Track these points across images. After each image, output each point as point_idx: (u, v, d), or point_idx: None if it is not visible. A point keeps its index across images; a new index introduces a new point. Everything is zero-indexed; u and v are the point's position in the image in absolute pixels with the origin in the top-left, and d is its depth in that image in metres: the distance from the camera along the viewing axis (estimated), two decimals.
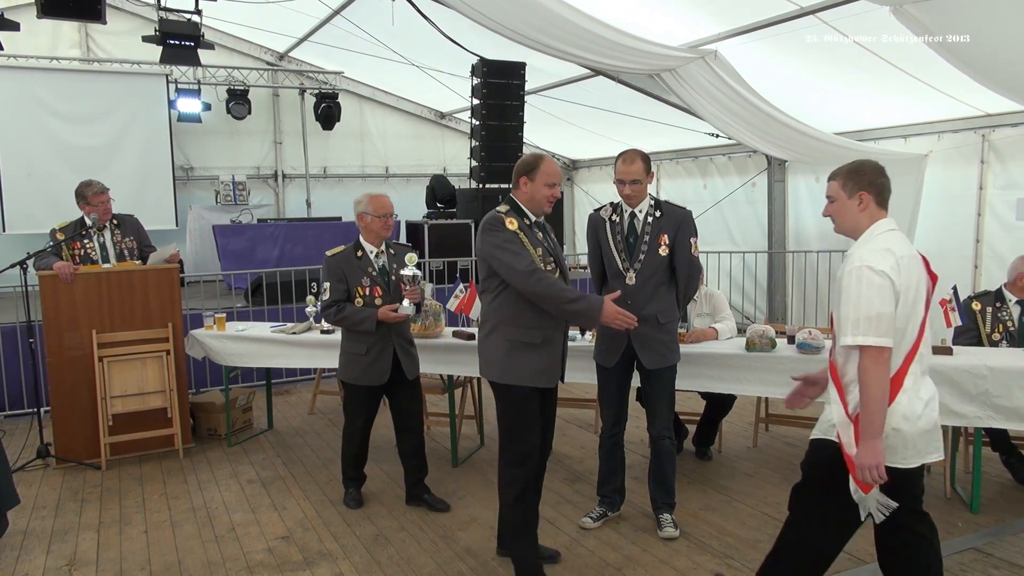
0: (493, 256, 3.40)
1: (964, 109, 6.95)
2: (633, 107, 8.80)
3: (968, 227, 7.26)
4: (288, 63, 11.45)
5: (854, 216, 2.84)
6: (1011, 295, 4.87)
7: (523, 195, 3.53)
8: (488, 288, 3.52)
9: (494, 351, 3.48)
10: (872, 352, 2.58)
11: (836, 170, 2.90)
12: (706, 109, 7.01)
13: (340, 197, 11.80)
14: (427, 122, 12.43)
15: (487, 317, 3.54)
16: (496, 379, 3.48)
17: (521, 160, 3.56)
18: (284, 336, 5.52)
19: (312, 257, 8.95)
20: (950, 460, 4.62)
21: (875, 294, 2.60)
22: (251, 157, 11.43)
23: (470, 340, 5.02)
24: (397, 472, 5.11)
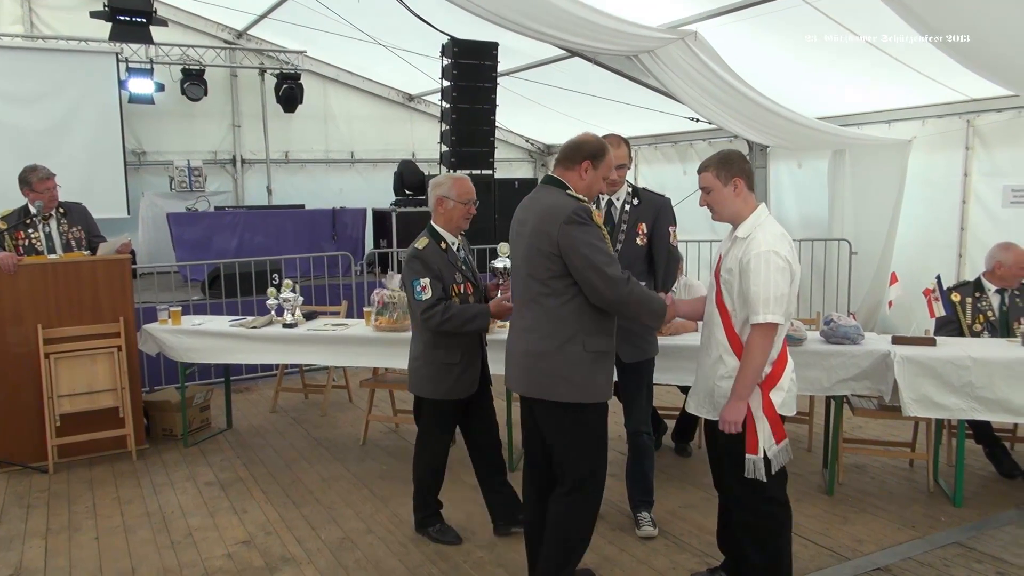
0: (582, 255, 3.01)
1: (948, 94, 7.06)
2: (610, 90, 8.82)
3: (953, 215, 7.39)
4: (247, 41, 11.32)
5: (731, 202, 3.21)
6: (990, 284, 4.98)
7: (581, 183, 3.18)
8: (555, 290, 3.08)
9: (573, 366, 3.09)
10: (768, 328, 3.03)
11: (705, 161, 3.27)
12: (686, 92, 7.05)
13: (303, 183, 11.71)
14: (395, 105, 12.36)
15: (556, 326, 3.09)
16: (579, 399, 3.11)
17: (583, 140, 3.21)
18: (243, 330, 5.48)
19: (273, 247, 8.89)
20: (933, 454, 4.72)
21: (780, 277, 3.03)
22: (208, 141, 11.29)
23: None
24: (363, 471, 5.11)
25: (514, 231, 3.29)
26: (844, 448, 4.82)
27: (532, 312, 3.15)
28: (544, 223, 3.07)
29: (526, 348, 3.17)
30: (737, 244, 3.17)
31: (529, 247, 3.12)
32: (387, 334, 5.12)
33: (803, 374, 4.24)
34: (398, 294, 5.19)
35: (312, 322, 5.68)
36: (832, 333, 4.50)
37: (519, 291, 3.25)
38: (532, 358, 3.15)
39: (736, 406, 3.09)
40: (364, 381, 5.82)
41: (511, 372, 3.29)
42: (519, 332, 3.23)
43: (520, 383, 3.23)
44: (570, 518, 3.20)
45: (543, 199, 3.16)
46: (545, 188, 3.22)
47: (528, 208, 3.22)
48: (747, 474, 3.11)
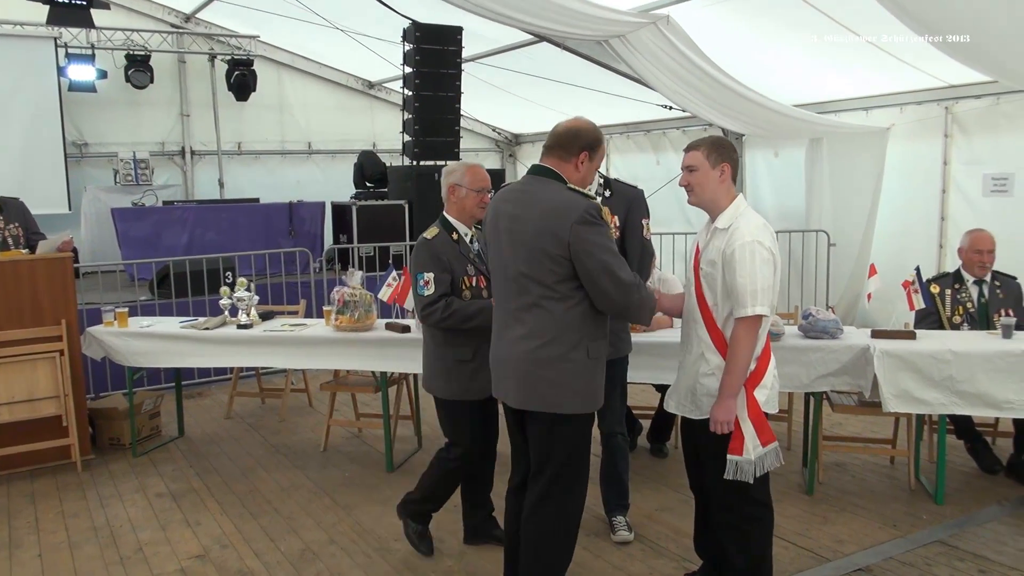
0: (597, 259, 2.94)
1: (926, 80, 7.19)
2: (580, 76, 8.85)
3: (933, 204, 7.54)
4: (195, 25, 11.18)
5: (714, 187, 3.24)
6: (969, 275, 5.09)
7: (576, 175, 3.13)
8: (561, 294, 3.01)
9: (578, 374, 3.06)
10: (754, 321, 3.09)
11: (696, 140, 3.29)
12: (658, 79, 7.09)
13: (257, 176, 11.61)
14: (354, 92, 12.29)
15: (563, 332, 3.03)
16: (581, 409, 3.12)
17: (580, 128, 3.14)
18: (195, 332, 5.42)
19: (226, 243, 8.81)
20: (914, 450, 4.81)
21: (766, 268, 3.09)
22: (154, 132, 11.14)
23: (404, 333, 5.01)
24: (324, 479, 5.09)
25: (500, 227, 3.15)
26: (824, 446, 4.89)
27: (533, 317, 3.05)
28: (551, 223, 2.97)
29: (526, 356, 3.07)
30: (718, 235, 3.21)
31: (531, 248, 3.01)
32: (348, 334, 5.10)
33: (782, 370, 4.27)
34: (359, 292, 5.18)
35: (269, 322, 5.65)
36: (811, 327, 4.57)
37: (510, 294, 3.13)
38: (534, 367, 3.05)
39: (726, 404, 3.12)
40: (325, 384, 5.80)
41: (503, 384, 3.19)
42: (514, 339, 3.11)
43: (517, 395, 3.13)
44: (555, 533, 3.17)
45: (542, 194, 3.06)
46: (540, 181, 3.11)
47: (522, 203, 3.10)
48: (728, 475, 3.14)
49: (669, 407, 3.45)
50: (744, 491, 3.17)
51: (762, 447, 3.15)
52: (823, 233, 8.33)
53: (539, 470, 3.18)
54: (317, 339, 5.19)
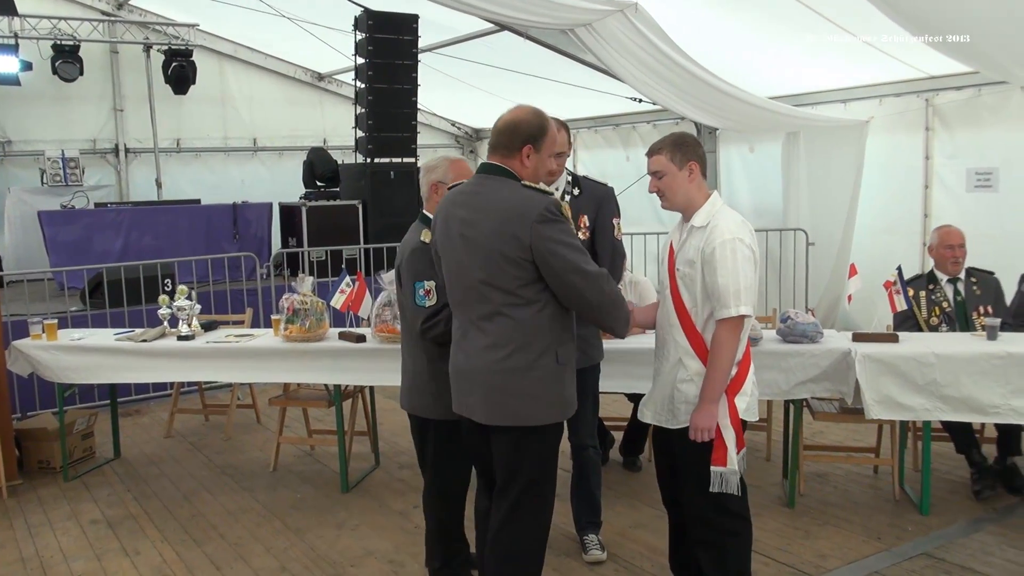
0: (562, 257, 2.97)
1: (906, 71, 7.33)
2: (544, 68, 8.89)
3: (915, 200, 7.68)
4: (129, 13, 11.04)
5: (685, 188, 3.29)
6: (942, 274, 5.20)
7: (525, 171, 3.12)
8: (526, 299, 3.03)
9: (548, 382, 3.07)
10: (737, 322, 3.14)
11: (656, 143, 3.34)
12: (627, 70, 7.15)
13: (198, 175, 11.50)
14: (303, 85, 12.23)
15: (530, 338, 3.04)
16: (552, 419, 3.13)
17: (517, 120, 3.12)
18: (132, 345, 5.36)
19: (164, 248, 8.71)
20: (898, 458, 4.89)
21: (748, 266, 3.15)
22: (85, 128, 10.98)
23: (359, 342, 4.99)
24: (274, 501, 5.05)
25: (453, 232, 3.14)
26: (805, 456, 4.96)
27: (496, 326, 3.05)
28: (509, 224, 2.98)
29: (492, 368, 3.06)
30: (695, 234, 3.25)
31: (489, 253, 3.01)
32: (299, 345, 5.07)
33: (760, 376, 4.32)
34: (310, 299, 5.15)
35: (212, 333, 5.61)
36: (789, 331, 4.63)
37: (469, 302, 3.12)
38: (502, 378, 3.05)
39: (707, 410, 3.16)
40: (274, 399, 5.76)
41: (466, 398, 3.17)
42: (477, 351, 3.10)
43: (484, 410, 3.11)
44: (522, 554, 3.17)
45: (497, 195, 3.06)
46: (493, 180, 3.11)
47: (475, 206, 3.09)
48: (713, 488, 3.17)
49: (645, 417, 3.47)
50: (722, 504, 3.21)
51: (737, 454, 3.20)
52: (801, 232, 8.44)
53: (504, 487, 3.18)
54: (265, 350, 5.16)
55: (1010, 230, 6.79)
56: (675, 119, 9.46)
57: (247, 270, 8.47)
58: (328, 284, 6.87)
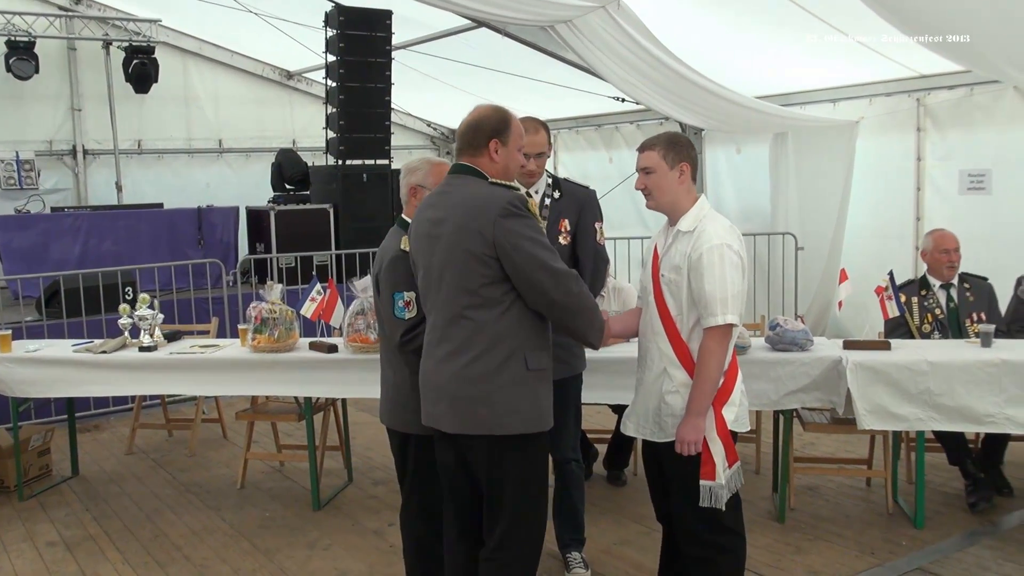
0: (526, 252, 2.97)
1: (896, 69, 7.40)
2: (523, 66, 8.90)
3: (907, 203, 7.75)
4: (87, 8, 10.95)
5: (674, 189, 3.31)
6: (935, 280, 5.25)
7: (495, 167, 3.14)
8: (489, 299, 3.03)
9: (517, 389, 3.04)
10: (725, 331, 3.16)
11: (650, 139, 3.36)
12: (609, 68, 7.17)
13: (161, 178, 11.40)
14: (271, 84, 12.17)
15: (494, 343, 3.03)
16: (527, 429, 3.07)
17: (480, 117, 3.16)
18: (91, 357, 5.32)
19: (125, 255, 8.64)
20: (891, 470, 4.93)
21: (736, 273, 3.17)
22: (41, 128, 10.87)
23: (331, 353, 4.97)
24: (242, 520, 5.02)
25: (422, 232, 3.17)
26: (795, 468, 4.99)
27: (459, 331, 3.05)
28: (473, 220, 3.00)
29: (455, 375, 3.06)
30: (681, 239, 3.26)
31: (452, 250, 3.03)
32: (267, 356, 5.05)
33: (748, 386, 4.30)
34: (279, 308, 5.12)
35: (175, 344, 5.58)
36: (779, 339, 4.65)
37: (435, 306, 3.14)
38: (465, 386, 3.04)
39: (694, 423, 3.17)
40: (241, 413, 5.73)
41: (434, 408, 3.15)
42: (442, 358, 3.10)
43: (450, 419, 3.10)
44: (517, 569, 3.15)
45: (462, 191, 3.10)
46: (460, 179, 3.15)
47: (442, 205, 3.12)
48: (702, 503, 3.18)
49: (627, 429, 3.47)
50: (715, 520, 3.22)
51: (728, 468, 3.20)
52: (790, 236, 8.50)
53: (492, 505, 3.13)
54: (231, 362, 5.14)
55: (1004, 234, 6.86)
56: (659, 119, 9.50)
57: (212, 277, 8.41)
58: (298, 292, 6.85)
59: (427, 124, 13.20)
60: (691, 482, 3.21)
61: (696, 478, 3.19)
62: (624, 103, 9.14)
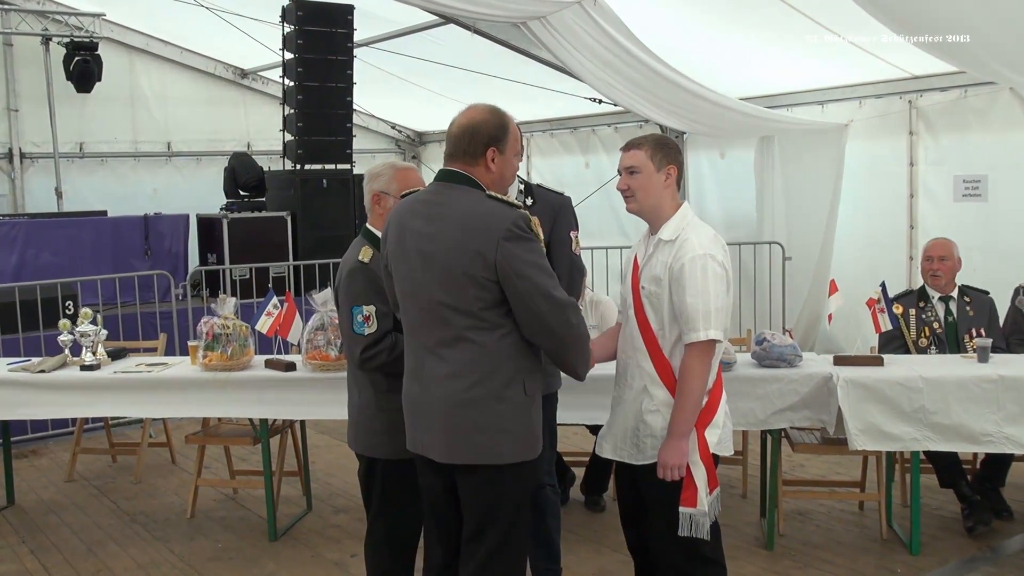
0: (526, 277, 2.95)
1: (887, 70, 7.50)
2: (494, 65, 8.93)
3: (899, 210, 7.83)
4: (25, 0, 10.87)
5: (658, 192, 3.33)
6: (933, 292, 5.31)
7: (490, 176, 3.12)
8: (490, 323, 3.01)
9: (515, 416, 3.05)
10: (706, 347, 3.17)
11: (638, 138, 3.39)
12: (585, 68, 7.21)
13: (105, 184, 11.31)
14: (224, 83, 12.13)
15: (494, 367, 3.02)
16: (522, 456, 3.08)
17: (477, 123, 3.11)
18: (28, 376, 5.26)
19: (65, 266, 8.55)
20: (885, 493, 4.96)
21: (719, 285, 3.18)
22: None
23: (288, 371, 4.94)
24: (192, 552, 4.99)
25: (407, 246, 3.11)
26: (784, 492, 5.01)
27: (457, 353, 3.03)
28: (472, 240, 2.96)
29: (451, 399, 3.04)
30: (663, 248, 3.27)
31: (450, 271, 2.99)
32: (219, 375, 5.01)
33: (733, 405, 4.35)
34: (232, 323, 5.09)
35: (120, 362, 5.52)
36: (765, 355, 4.68)
37: (426, 325, 3.09)
38: (462, 411, 3.02)
39: (677, 446, 3.18)
40: (191, 436, 5.68)
41: (425, 436, 3.13)
42: (436, 380, 3.07)
43: (444, 447, 3.08)
44: None
45: (458, 206, 3.03)
46: (454, 189, 3.08)
47: (434, 217, 3.06)
48: (682, 531, 3.18)
49: (604, 451, 3.47)
50: (694, 549, 3.22)
51: (710, 494, 3.21)
52: (777, 245, 8.57)
53: (476, 535, 3.11)
54: (181, 381, 5.10)
55: (1000, 242, 6.95)
56: (639, 122, 9.57)
57: (160, 290, 8.35)
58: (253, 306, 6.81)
59: (391, 126, 13.20)
60: (670, 510, 3.21)
61: (676, 505, 3.20)
62: (601, 104, 9.19)
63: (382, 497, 3.63)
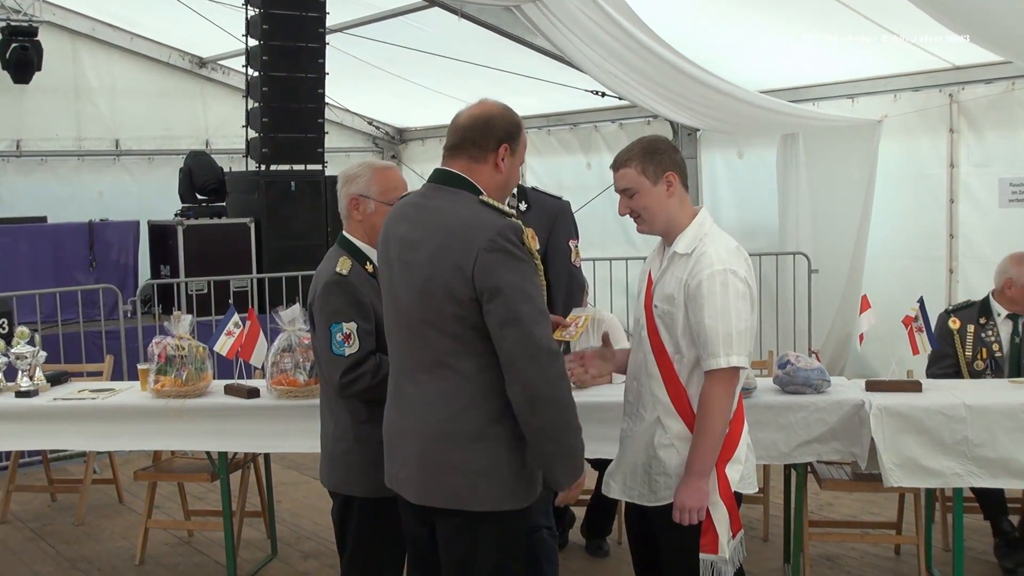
0: (505, 302, 2.82)
1: (926, 60, 7.52)
2: (483, 53, 8.96)
3: (938, 217, 7.84)
4: None
5: (665, 206, 3.31)
6: (999, 307, 5.28)
7: (497, 179, 3.06)
8: (470, 347, 2.91)
9: (500, 457, 2.94)
10: (728, 375, 3.14)
11: (622, 154, 3.37)
12: (586, 57, 7.23)
13: (44, 186, 11.30)
14: (179, 73, 12.14)
15: (477, 398, 2.93)
16: (509, 504, 2.96)
17: (492, 114, 3.06)
18: None
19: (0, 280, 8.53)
20: (924, 536, 4.96)
21: (742, 305, 3.16)
22: None
23: (252, 398, 4.93)
24: None
25: (391, 255, 3.08)
26: (810, 535, 5.00)
27: (436, 380, 2.96)
28: (451, 248, 2.88)
29: (425, 432, 2.98)
30: (678, 263, 3.26)
31: (428, 284, 2.92)
32: (173, 402, 4.99)
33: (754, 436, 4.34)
34: (188, 344, 5.08)
35: (61, 388, 5.50)
36: (789, 380, 4.67)
37: (406, 347, 3.05)
38: (438, 447, 2.95)
39: (696, 486, 3.15)
40: (140, 472, 5.66)
41: (399, 471, 3.09)
42: (413, 409, 3.03)
43: (417, 486, 3.02)
44: None
45: (447, 209, 2.97)
46: (445, 192, 3.02)
47: (420, 223, 3.01)
48: None
49: (611, 491, 3.46)
50: None
51: (732, 539, 3.20)
52: (802, 256, 8.57)
53: None
54: (129, 410, 5.07)
55: None
56: (646, 117, 9.59)
57: (107, 307, 8.32)
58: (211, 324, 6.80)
59: (368, 122, 13.22)
60: (689, 557, 3.19)
61: (695, 551, 3.18)
62: (604, 98, 9.22)
63: (358, 540, 3.61)
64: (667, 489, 3.23)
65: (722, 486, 3.18)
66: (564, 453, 2.94)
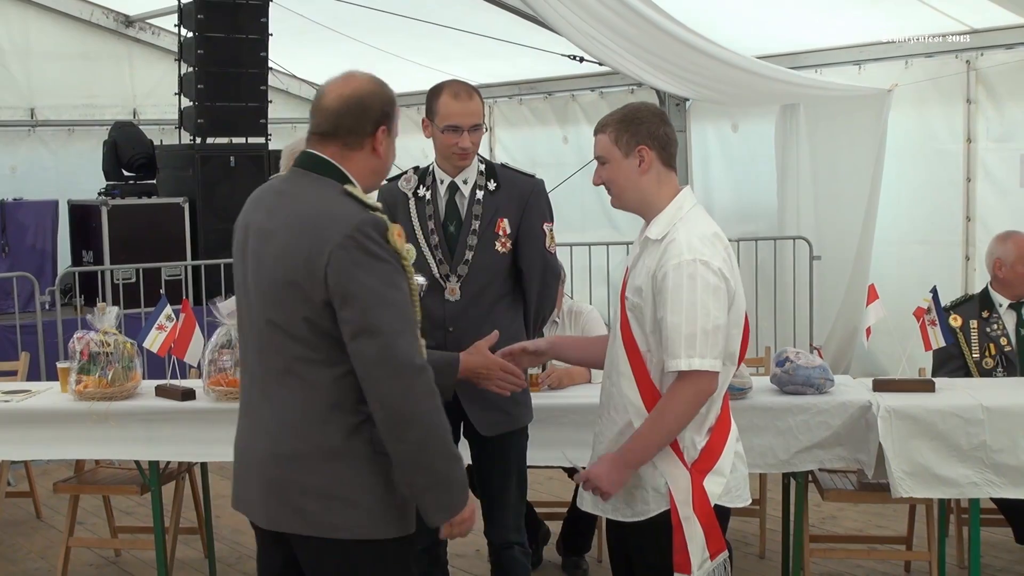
0: (359, 306, 2.72)
1: (941, 22, 7.52)
2: (447, 13, 8.93)
3: (954, 198, 7.87)
4: None
5: (635, 182, 3.29)
6: (1000, 297, 5.32)
7: (373, 164, 3.00)
8: (322, 354, 2.83)
9: (360, 475, 2.84)
10: (694, 379, 3.08)
11: (605, 118, 3.36)
12: (563, 18, 7.22)
13: None
14: (103, 33, 12.03)
15: (329, 409, 2.85)
16: (371, 532, 2.85)
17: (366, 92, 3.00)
18: None
19: None
20: (937, 552, 4.99)
21: (712, 300, 3.10)
22: None
23: (187, 400, 4.91)
24: None
25: (248, 246, 3.02)
26: (812, 550, 5.03)
27: (285, 389, 2.89)
28: (304, 243, 2.80)
29: (274, 451, 2.90)
30: (650, 250, 3.24)
31: (273, 279, 2.87)
32: (97, 405, 4.96)
33: (749, 442, 4.36)
34: (114, 339, 5.05)
35: None
36: (789, 379, 4.69)
37: (256, 351, 3.00)
38: (286, 467, 2.87)
39: (616, 472, 3.17)
40: (60, 483, 5.62)
41: (245, 492, 3.05)
42: (260, 423, 2.98)
43: (266, 510, 2.96)
44: None
45: (305, 198, 2.91)
46: (308, 179, 2.96)
47: (276, 210, 2.97)
48: None
49: (584, 504, 3.46)
50: None
51: (711, 560, 3.20)
52: (803, 241, 8.60)
53: None
54: (48, 414, 5.05)
55: None
56: (629, 86, 9.59)
57: (21, 298, 8.27)
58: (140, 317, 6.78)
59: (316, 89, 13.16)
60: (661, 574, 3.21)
61: (668, 572, 3.19)
62: (583, 64, 9.21)
63: None
64: (644, 503, 3.23)
65: (698, 500, 3.16)
66: (435, 483, 2.82)
